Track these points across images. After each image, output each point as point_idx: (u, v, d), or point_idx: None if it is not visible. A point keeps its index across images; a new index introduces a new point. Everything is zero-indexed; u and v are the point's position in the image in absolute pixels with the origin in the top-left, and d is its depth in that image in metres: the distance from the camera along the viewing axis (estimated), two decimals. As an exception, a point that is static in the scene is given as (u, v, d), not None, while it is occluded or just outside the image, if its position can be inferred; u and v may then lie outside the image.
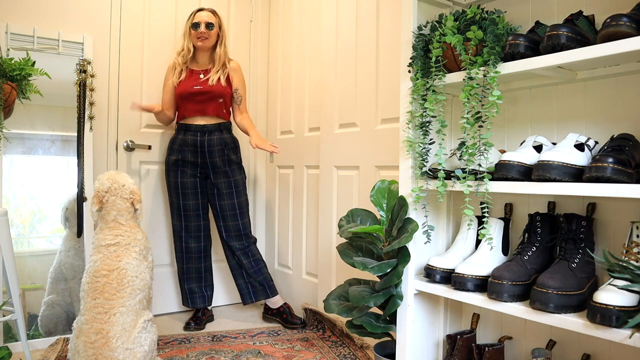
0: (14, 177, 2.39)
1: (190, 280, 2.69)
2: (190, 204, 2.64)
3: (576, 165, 1.31)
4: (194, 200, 2.64)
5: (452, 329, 1.84)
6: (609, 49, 1.21)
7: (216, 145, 2.60)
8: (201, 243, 2.69)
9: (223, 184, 2.63)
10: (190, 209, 2.64)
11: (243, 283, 2.70)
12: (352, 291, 1.74)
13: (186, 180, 2.62)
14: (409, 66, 1.69)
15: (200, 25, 2.57)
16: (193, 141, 2.59)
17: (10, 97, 1.97)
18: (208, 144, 2.59)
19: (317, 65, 2.72)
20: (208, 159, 2.60)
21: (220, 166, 2.62)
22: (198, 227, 2.67)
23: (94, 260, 1.82)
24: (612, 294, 1.19)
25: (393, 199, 1.79)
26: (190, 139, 2.59)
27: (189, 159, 2.60)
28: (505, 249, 1.63)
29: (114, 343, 1.68)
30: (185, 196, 2.63)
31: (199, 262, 2.70)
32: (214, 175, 2.64)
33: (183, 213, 2.64)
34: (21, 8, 2.45)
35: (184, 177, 2.61)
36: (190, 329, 2.59)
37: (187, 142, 2.59)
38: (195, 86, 2.59)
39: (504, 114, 1.73)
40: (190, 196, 2.63)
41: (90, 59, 2.48)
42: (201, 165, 2.62)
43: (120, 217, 1.90)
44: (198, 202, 2.66)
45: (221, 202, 2.64)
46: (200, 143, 2.59)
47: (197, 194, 2.65)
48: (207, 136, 2.59)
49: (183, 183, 2.61)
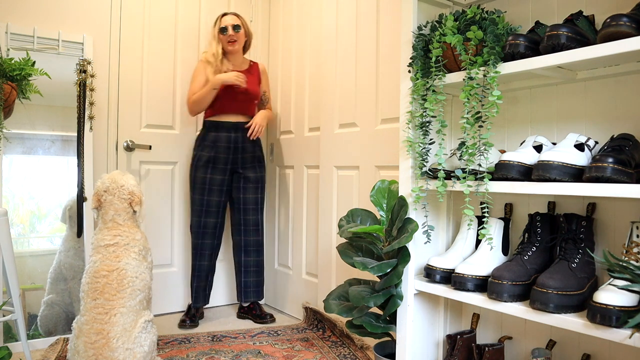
0: (14, 177, 2.39)
1: (201, 278, 2.75)
2: (213, 200, 2.69)
3: (576, 165, 1.31)
4: (217, 198, 2.70)
5: (452, 329, 1.84)
6: (609, 49, 1.21)
7: (248, 142, 2.72)
8: (214, 241, 2.76)
9: (251, 178, 2.75)
10: (213, 205, 2.70)
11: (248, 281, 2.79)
12: (352, 291, 1.74)
13: (215, 177, 2.69)
14: (409, 66, 1.69)
15: (227, 29, 2.66)
16: (227, 138, 2.69)
17: (10, 97, 1.97)
18: (242, 140, 2.71)
19: (317, 65, 2.72)
20: (240, 155, 2.72)
21: (249, 161, 2.75)
22: (215, 225, 2.73)
23: (93, 260, 1.82)
24: (612, 294, 1.19)
25: (393, 199, 1.79)
26: (223, 136, 2.69)
27: (222, 154, 2.68)
28: (505, 249, 1.63)
29: (114, 343, 1.68)
30: (210, 192, 2.69)
31: (210, 259, 2.76)
32: (244, 170, 2.74)
33: (205, 209, 2.69)
34: (21, 8, 2.45)
35: (214, 173, 2.69)
36: (185, 326, 2.64)
37: (220, 138, 2.68)
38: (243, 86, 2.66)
39: (504, 114, 1.73)
40: (215, 193, 2.70)
41: (90, 59, 2.48)
42: (232, 161, 2.71)
43: (118, 217, 1.90)
44: (220, 199, 2.72)
45: (246, 195, 2.75)
46: (234, 140, 2.69)
47: (221, 192, 2.71)
48: (240, 133, 2.71)
49: (211, 179, 2.68)
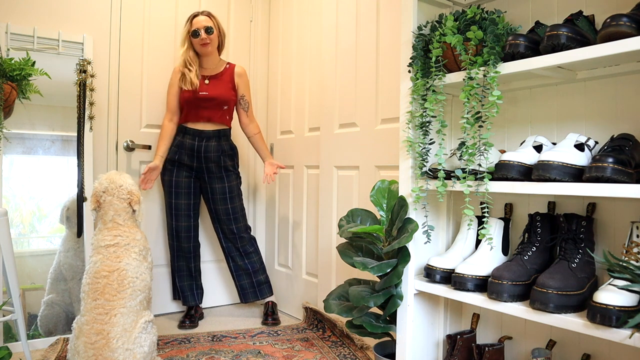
0: (14, 177, 2.39)
1: (182, 278, 2.75)
2: (181, 203, 2.67)
3: (576, 165, 1.31)
4: (185, 200, 2.67)
5: (452, 329, 1.84)
6: (609, 49, 1.21)
7: (213, 151, 2.63)
8: (191, 243, 2.73)
9: (218, 189, 2.68)
10: (182, 208, 2.67)
11: (244, 283, 2.78)
12: (352, 291, 1.74)
13: (180, 180, 2.65)
14: (409, 66, 1.69)
15: (200, 32, 2.57)
16: (190, 145, 2.61)
17: (10, 97, 1.97)
18: (205, 150, 2.62)
19: (317, 65, 2.72)
20: (204, 164, 2.64)
21: (215, 172, 2.66)
22: (188, 228, 2.70)
23: (94, 261, 1.82)
24: (612, 294, 1.19)
25: (393, 199, 1.79)
26: (187, 143, 2.61)
27: (185, 162, 2.63)
28: (505, 249, 1.63)
29: (114, 344, 1.68)
30: (177, 195, 2.66)
31: (190, 261, 2.75)
32: (210, 180, 2.67)
33: (174, 212, 2.67)
34: (21, 8, 2.44)
35: (178, 176, 2.65)
36: (185, 327, 2.63)
37: (184, 145, 2.62)
38: (201, 92, 2.60)
39: (504, 114, 1.73)
40: (183, 196, 2.67)
41: (90, 59, 2.48)
42: (196, 169, 2.66)
43: (118, 218, 1.90)
44: (190, 202, 2.69)
45: (216, 207, 2.70)
46: (197, 148, 2.61)
47: (189, 194, 2.68)
48: (204, 142, 2.62)
49: (177, 182, 2.64)
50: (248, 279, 2.77)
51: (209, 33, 2.58)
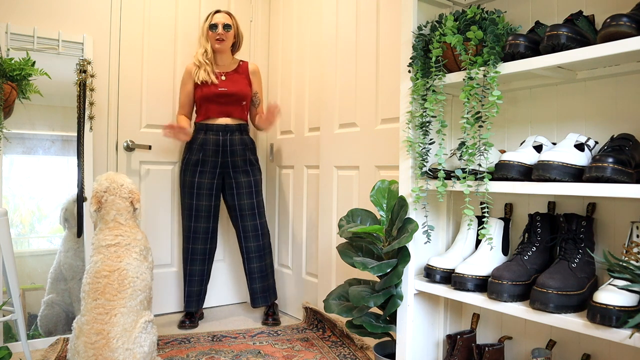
0: (14, 177, 2.39)
1: (193, 283, 2.70)
2: (202, 205, 2.65)
3: (576, 165, 1.31)
4: (206, 202, 2.66)
5: (452, 329, 1.84)
6: (609, 49, 1.21)
7: (238, 145, 2.66)
8: (207, 245, 2.71)
9: (244, 183, 2.68)
10: (202, 210, 2.66)
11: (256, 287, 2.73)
12: (352, 291, 1.74)
13: (203, 181, 2.64)
14: (409, 66, 1.69)
15: (217, 27, 2.61)
16: (215, 140, 2.62)
17: (10, 97, 1.97)
18: (230, 144, 2.64)
19: (317, 65, 2.72)
20: (229, 158, 2.65)
21: (240, 165, 2.67)
22: (207, 229, 2.69)
23: (94, 261, 1.82)
24: (612, 294, 1.19)
25: (393, 199, 1.79)
26: (212, 139, 2.62)
27: (210, 158, 2.63)
28: (505, 249, 1.63)
29: (114, 344, 1.67)
30: (199, 197, 2.65)
31: (203, 264, 2.71)
32: (235, 175, 2.67)
33: (194, 214, 2.65)
34: (21, 8, 2.44)
35: (202, 177, 2.64)
36: (185, 327, 2.63)
37: (208, 141, 2.62)
38: (220, 88, 2.62)
39: (504, 114, 1.73)
40: (204, 197, 2.65)
41: (90, 59, 2.48)
42: (222, 165, 2.65)
43: (119, 217, 1.90)
44: (211, 204, 2.67)
45: (240, 202, 2.68)
46: (223, 142, 2.63)
47: (211, 196, 2.67)
48: (229, 135, 2.64)
49: (200, 183, 2.63)
50: (260, 283, 2.72)
51: (227, 30, 2.63)
